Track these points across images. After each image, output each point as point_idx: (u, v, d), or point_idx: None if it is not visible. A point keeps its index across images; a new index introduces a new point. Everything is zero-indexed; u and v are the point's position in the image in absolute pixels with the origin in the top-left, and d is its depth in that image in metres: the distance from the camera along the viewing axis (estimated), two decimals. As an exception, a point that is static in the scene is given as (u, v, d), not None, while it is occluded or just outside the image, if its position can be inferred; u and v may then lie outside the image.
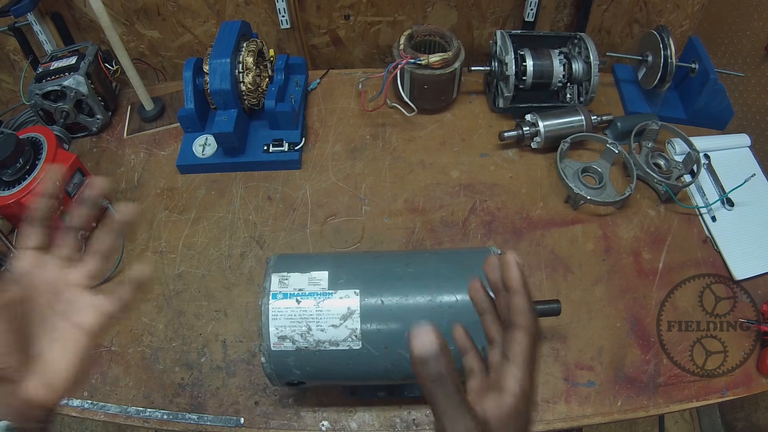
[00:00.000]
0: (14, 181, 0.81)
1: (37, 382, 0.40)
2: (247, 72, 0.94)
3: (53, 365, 0.41)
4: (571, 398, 0.74)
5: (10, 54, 1.17)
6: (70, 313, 0.43)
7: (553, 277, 0.85)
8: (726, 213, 0.92)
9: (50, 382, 0.41)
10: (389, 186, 0.96)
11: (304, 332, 0.59)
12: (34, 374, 0.40)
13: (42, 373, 0.41)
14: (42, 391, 0.40)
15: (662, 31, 0.96)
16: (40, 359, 0.41)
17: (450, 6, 1.15)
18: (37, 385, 0.40)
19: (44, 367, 0.41)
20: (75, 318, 0.43)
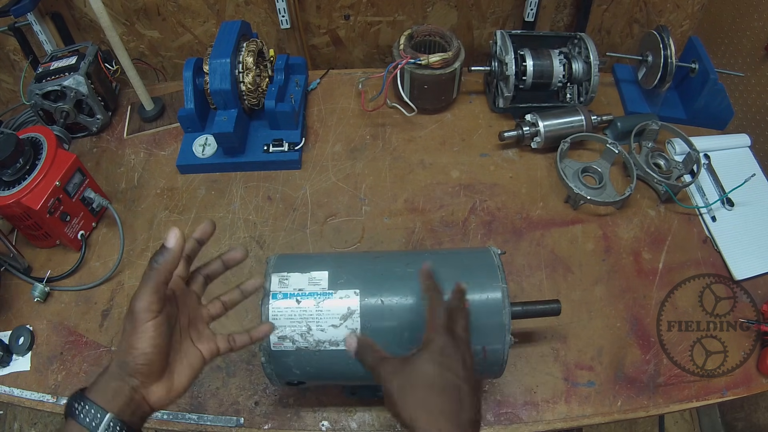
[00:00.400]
0: (14, 181, 0.81)
1: (160, 389, 0.48)
2: (247, 72, 0.94)
3: (176, 378, 0.49)
4: (571, 398, 0.74)
5: (10, 54, 1.17)
6: (197, 340, 0.53)
7: (553, 277, 0.85)
8: (726, 213, 0.92)
9: (170, 390, 0.49)
10: (389, 186, 0.96)
11: (304, 332, 0.59)
12: (161, 382, 0.48)
13: (167, 382, 0.48)
14: (161, 397, 0.48)
15: (662, 31, 0.96)
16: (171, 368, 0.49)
17: (450, 6, 1.15)
18: (158, 391, 0.48)
19: (170, 378, 0.49)
20: (200, 344, 0.52)
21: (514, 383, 0.75)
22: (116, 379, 0.46)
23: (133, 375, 0.46)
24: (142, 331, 0.45)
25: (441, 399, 0.47)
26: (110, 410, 0.44)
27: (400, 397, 0.48)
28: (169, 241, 0.47)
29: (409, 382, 0.48)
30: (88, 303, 0.84)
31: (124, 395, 0.45)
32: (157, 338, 0.46)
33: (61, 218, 0.84)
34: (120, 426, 0.44)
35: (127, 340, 0.46)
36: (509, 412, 0.73)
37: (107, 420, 0.44)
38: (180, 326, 0.51)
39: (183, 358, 0.51)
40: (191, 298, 0.54)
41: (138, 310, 0.45)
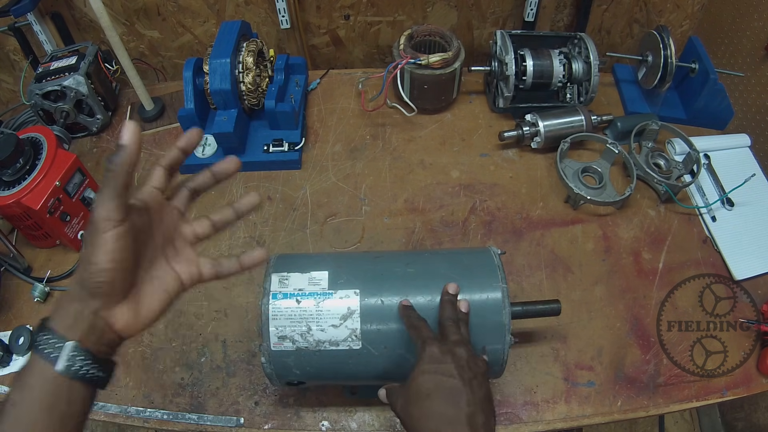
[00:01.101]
0: (14, 181, 0.81)
1: (125, 311, 0.42)
2: (247, 72, 0.94)
3: (145, 300, 0.44)
4: (571, 398, 0.74)
5: (10, 54, 1.17)
6: (174, 259, 0.47)
7: (553, 277, 0.84)
8: (726, 213, 0.92)
9: (136, 315, 0.43)
10: (389, 186, 0.96)
11: (304, 332, 0.59)
12: (126, 304, 0.42)
13: (133, 304, 0.43)
14: (126, 321, 0.42)
15: (662, 31, 0.96)
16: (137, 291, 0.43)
17: (450, 6, 1.15)
18: (123, 314, 0.42)
19: (137, 299, 0.43)
20: (177, 266, 0.46)
21: (514, 383, 0.75)
22: (76, 302, 0.40)
23: (93, 295, 0.40)
24: (100, 243, 0.39)
25: (435, 404, 0.48)
26: (71, 338, 0.39)
27: (405, 415, 0.50)
28: (123, 137, 0.39)
29: (409, 399, 0.50)
30: (88, 303, 0.84)
31: (85, 319, 0.40)
32: (118, 252, 0.39)
33: (61, 218, 0.84)
34: (84, 355, 0.39)
35: (85, 254, 0.40)
36: (509, 412, 0.73)
37: (69, 349, 0.39)
38: (154, 243, 0.45)
39: (154, 279, 0.45)
40: (170, 213, 0.47)
41: (96, 219, 0.39)
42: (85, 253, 0.40)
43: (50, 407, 0.39)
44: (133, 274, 0.43)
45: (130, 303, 0.43)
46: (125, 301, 0.42)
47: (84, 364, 0.39)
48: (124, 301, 0.42)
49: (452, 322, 0.55)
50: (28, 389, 0.39)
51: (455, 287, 0.58)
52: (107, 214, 0.39)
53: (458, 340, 0.53)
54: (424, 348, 0.52)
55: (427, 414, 0.48)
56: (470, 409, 0.48)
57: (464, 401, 0.48)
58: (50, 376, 0.38)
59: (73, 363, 0.39)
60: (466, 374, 0.50)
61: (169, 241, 0.47)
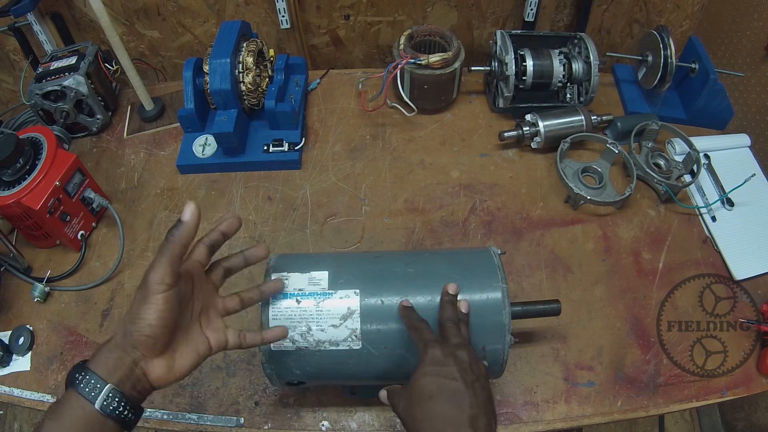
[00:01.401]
0: (14, 181, 0.81)
1: (162, 366, 0.47)
2: (247, 72, 0.94)
3: (180, 359, 0.49)
4: (571, 398, 0.74)
5: (10, 54, 1.17)
6: (207, 326, 0.53)
7: (553, 277, 0.85)
8: (726, 213, 0.92)
9: (170, 371, 0.48)
10: (389, 186, 0.96)
11: (304, 332, 0.59)
12: (163, 359, 0.48)
13: (169, 361, 0.48)
14: (161, 374, 0.47)
15: (662, 31, 0.96)
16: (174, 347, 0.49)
17: (450, 6, 1.15)
18: (160, 368, 0.47)
19: (173, 357, 0.49)
20: (208, 332, 0.52)
21: (514, 383, 0.75)
22: (118, 350, 0.46)
23: (136, 346, 0.46)
24: (151, 302, 0.45)
25: (438, 406, 0.48)
26: (110, 381, 0.44)
27: (408, 417, 0.50)
28: (185, 214, 0.47)
29: (411, 401, 0.50)
30: (88, 303, 0.84)
31: (124, 367, 0.45)
32: (165, 312, 0.45)
33: (61, 218, 0.84)
34: (119, 398, 0.44)
35: (136, 310, 0.46)
36: (509, 412, 0.73)
37: (107, 390, 0.44)
38: (192, 309, 0.51)
39: (189, 342, 0.50)
40: (208, 286, 0.54)
41: (151, 281, 0.45)
42: (136, 309, 0.46)
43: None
44: (173, 334, 0.48)
45: (166, 358, 0.48)
46: (163, 356, 0.48)
47: (119, 404, 0.44)
48: (161, 356, 0.48)
49: (453, 323, 0.55)
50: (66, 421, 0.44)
51: (455, 287, 0.58)
52: (161, 278, 0.45)
53: (460, 343, 0.53)
54: (426, 350, 0.52)
55: (429, 416, 0.48)
56: (473, 411, 0.48)
57: (467, 403, 0.48)
58: (88, 411, 0.43)
59: (109, 403, 0.44)
60: (469, 377, 0.50)
61: (204, 310, 0.53)
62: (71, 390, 0.44)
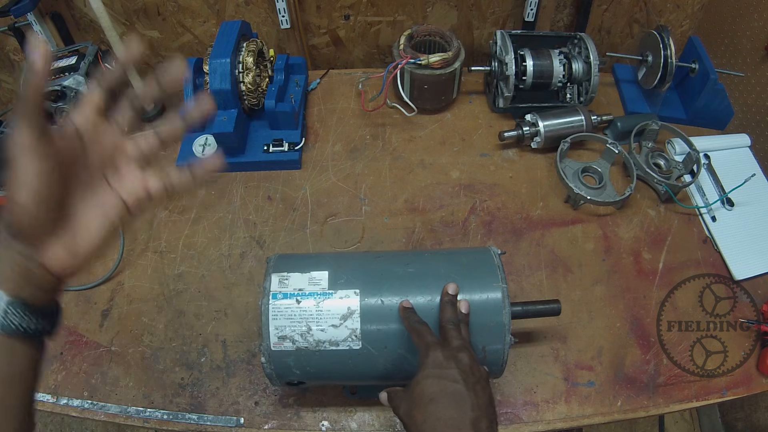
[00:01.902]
0: (14, 181, 0.81)
1: (60, 248, 0.38)
2: (247, 72, 0.94)
3: (83, 231, 0.39)
4: (571, 398, 0.74)
5: (10, 54, 1.17)
6: (116, 182, 0.42)
7: (553, 277, 0.84)
8: (726, 213, 0.92)
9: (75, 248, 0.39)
10: (389, 186, 0.96)
11: (304, 332, 0.59)
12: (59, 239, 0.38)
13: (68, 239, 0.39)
14: (63, 259, 0.38)
15: (662, 31, 0.96)
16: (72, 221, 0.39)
17: (450, 6, 1.15)
18: (59, 252, 0.38)
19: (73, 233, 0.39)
20: (120, 188, 0.41)
21: (514, 383, 0.75)
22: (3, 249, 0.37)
23: (19, 238, 0.37)
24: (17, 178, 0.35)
25: (440, 409, 0.48)
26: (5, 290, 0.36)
27: (409, 420, 0.50)
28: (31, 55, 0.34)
29: (413, 403, 0.50)
30: (88, 303, 0.84)
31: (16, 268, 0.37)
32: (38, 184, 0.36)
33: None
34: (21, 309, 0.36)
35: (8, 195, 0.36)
36: (509, 412, 0.73)
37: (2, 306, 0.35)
38: (89, 167, 0.41)
39: (90, 207, 0.40)
40: (108, 132, 0.42)
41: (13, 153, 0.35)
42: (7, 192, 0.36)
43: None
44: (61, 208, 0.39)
45: (65, 238, 0.39)
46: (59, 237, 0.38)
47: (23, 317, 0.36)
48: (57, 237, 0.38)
49: (453, 325, 0.55)
50: None
51: (455, 287, 0.58)
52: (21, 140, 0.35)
53: (461, 345, 0.53)
54: (427, 353, 0.52)
55: (431, 418, 0.48)
56: (475, 413, 0.48)
57: (468, 406, 0.48)
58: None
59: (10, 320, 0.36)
60: (470, 379, 0.50)
61: (108, 161, 0.42)
62: None
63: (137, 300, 0.84)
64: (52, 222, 0.38)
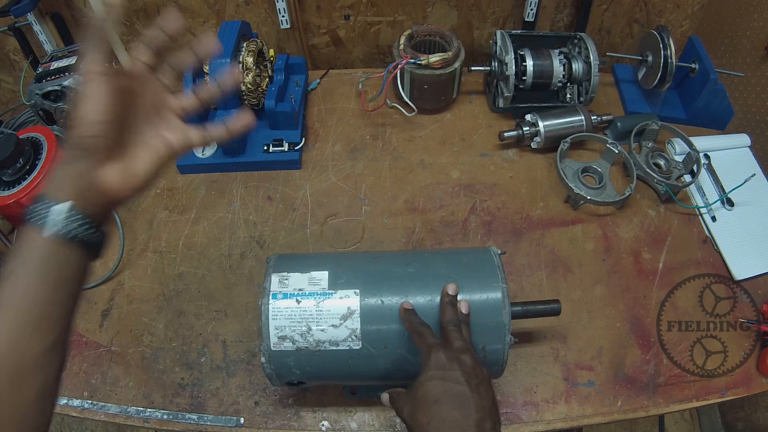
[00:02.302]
0: (14, 181, 0.81)
1: (117, 170, 0.43)
2: (247, 72, 0.94)
3: (135, 161, 0.44)
4: (571, 398, 0.74)
5: (10, 54, 1.17)
6: (162, 127, 0.48)
7: (553, 277, 0.85)
8: (726, 213, 0.92)
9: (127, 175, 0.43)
10: (389, 186, 0.96)
11: (304, 332, 0.59)
12: (116, 162, 0.43)
13: (124, 164, 0.43)
14: (118, 180, 0.43)
15: (662, 31, 0.96)
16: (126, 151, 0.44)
17: (450, 6, 1.15)
18: (115, 173, 0.43)
19: (127, 159, 0.44)
20: (165, 132, 0.47)
21: (514, 383, 0.75)
22: (67, 165, 0.41)
23: (84, 153, 0.41)
24: (87, 95, 0.40)
25: (444, 410, 0.48)
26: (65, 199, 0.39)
27: (413, 422, 0.50)
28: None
29: (416, 405, 0.50)
30: (88, 303, 0.84)
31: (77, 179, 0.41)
32: (104, 104, 0.40)
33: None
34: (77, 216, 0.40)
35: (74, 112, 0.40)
36: (509, 412, 0.73)
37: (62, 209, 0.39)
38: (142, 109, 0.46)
39: (143, 144, 0.46)
40: (156, 86, 0.48)
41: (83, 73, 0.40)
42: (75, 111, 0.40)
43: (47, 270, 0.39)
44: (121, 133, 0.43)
45: (121, 162, 0.43)
46: (116, 160, 0.43)
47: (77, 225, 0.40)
48: (114, 159, 0.43)
49: (454, 326, 0.55)
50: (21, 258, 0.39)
51: (455, 288, 0.58)
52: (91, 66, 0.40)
53: (463, 347, 0.53)
54: (429, 355, 0.52)
55: (435, 420, 0.48)
56: (479, 415, 0.48)
57: (472, 407, 0.48)
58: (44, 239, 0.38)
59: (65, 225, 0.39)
60: (473, 381, 0.50)
61: (156, 110, 0.48)
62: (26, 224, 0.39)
63: (137, 300, 0.84)
64: (112, 143, 0.42)
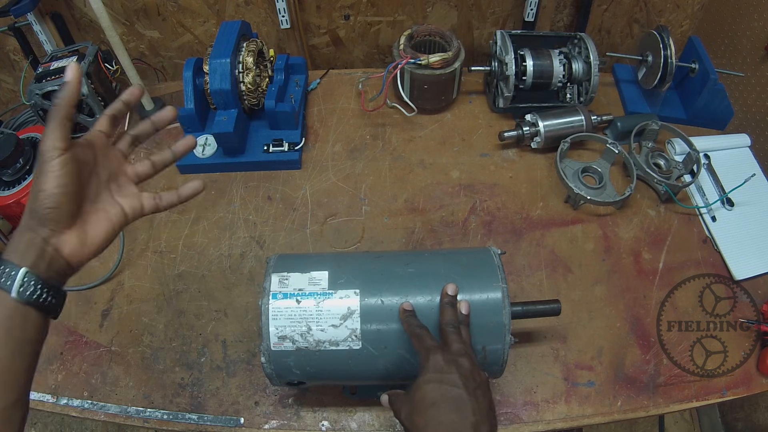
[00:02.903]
0: (14, 181, 0.81)
1: (73, 238, 0.46)
2: (247, 72, 0.94)
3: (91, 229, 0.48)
4: (571, 398, 0.74)
5: (10, 54, 1.17)
6: (118, 193, 0.52)
7: (553, 277, 0.85)
8: (726, 213, 0.92)
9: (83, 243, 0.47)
10: (389, 186, 0.96)
11: (304, 332, 0.59)
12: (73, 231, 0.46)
13: (80, 232, 0.47)
14: (75, 248, 0.46)
15: (662, 31, 0.96)
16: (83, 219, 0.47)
17: (450, 6, 1.15)
18: (72, 241, 0.46)
19: (84, 228, 0.47)
20: (121, 200, 0.51)
21: (514, 383, 0.75)
22: (27, 232, 0.44)
23: (42, 222, 0.44)
24: (48, 170, 0.44)
25: (441, 413, 0.49)
26: (23, 265, 0.43)
27: (410, 424, 0.50)
28: (66, 75, 0.46)
29: (414, 408, 0.50)
30: (88, 303, 0.84)
31: (35, 247, 0.44)
32: (64, 177, 0.44)
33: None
34: (35, 281, 0.43)
35: (35, 184, 0.44)
36: (509, 412, 0.73)
37: (21, 275, 0.42)
38: (98, 178, 0.50)
39: (99, 211, 0.49)
40: (114, 154, 0.53)
41: (44, 150, 0.44)
42: (35, 184, 0.44)
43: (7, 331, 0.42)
44: (78, 204, 0.47)
45: (76, 231, 0.46)
46: (72, 228, 0.46)
47: (36, 288, 0.43)
48: (71, 228, 0.46)
49: (453, 328, 0.55)
50: None
51: (454, 288, 0.58)
52: (53, 144, 0.44)
53: (461, 350, 0.53)
54: (428, 357, 0.52)
55: (433, 422, 0.49)
56: (475, 418, 0.48)
57: (469, 410, 0.49)
58: (6, 302, 0.42)
59: (26, 288, 0.42)
60: (471, 384, 0.50)
61: (113, 177, 0.52)
62: None
63: (137, 300, 0.84)
64: (70, 213, 0.45)
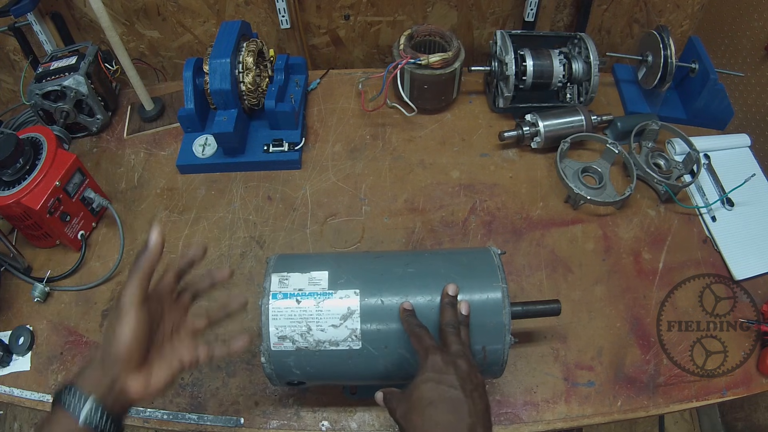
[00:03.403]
0: (14, 181, 0.81)
1: (139, 380, 0.51)
2: (247, 72, 0.94)
3: (155, 374, 0.53)
4: (571, 398, 0.74)
5: (10, 54, 1.17)
6: (179, 346, 0.57)
7: (553, 277, 0.84)
8: (726, 213, 0.92)
9: (147, 386, 0.52)
10: (389, 186, 0.96)
11: (304, 332, 0.59)
12: (140, 374, 0.51)
13: (145, 376, 0.52)
14: (140, 389, 0.51)
15: (662, 31, 0.96)
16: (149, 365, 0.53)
17: (450, 6, 1.15)
18: (138, 383, 0.51)
19: (149, 372, 0.52)
20: (180, 350, 0.56)
21: (514, 383, 0.75)
22: (99, 368, 0.49)
23: (115, 363, 0.49)
24: (125, 320, 0.49)
25: (438, 413, 0.49)
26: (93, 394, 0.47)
27: (406, 423, 0.51)
28: (150, 239, 0.52)
29: (411, 407, 0.51)
30: (88, 303, 0.84)
31: (105, 383, 0.48)
32: (138, 329, 0.49)
33: (61, 218, 0.84)
34: (102, 411, 0.47)
35: (111, 329, 0.50)
36: (509, 412, 0.73)
37: (90, 404, 0.47)
38: (164, 329, 0.56)
39: (163, 359, 0.54)
40: (178, 308, 0.58)
41: (123, 301, 0.49)
42: (110, 328, 0.50)
43: None
44: (147, 351, 0.52)
45: (143, 374, 0.51)
46: (139, 372, 0.51)
47: (101, 418, 0.47)
48: (138, 372, 0.51)
49: (453, 328, 0.56)
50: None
51: (455, 288, 0.58)
52: (131, 298, 0.49)
53: (460, 351, 0.53)
54: (426, 357, 0.53)
55: (429, 422, 0.49)
56: (471, 420, 0.49)
57: (466, 412, 0.49)
58: (70, 426, 0.46)
59: (93, 417, 0.47)
60: (468, 386, 0.51)
61: (176, 330, 0.57)
62: (57, 406, 0.47)
63: (137, 300, 0.83)
64: (139, 359, 0.51)
